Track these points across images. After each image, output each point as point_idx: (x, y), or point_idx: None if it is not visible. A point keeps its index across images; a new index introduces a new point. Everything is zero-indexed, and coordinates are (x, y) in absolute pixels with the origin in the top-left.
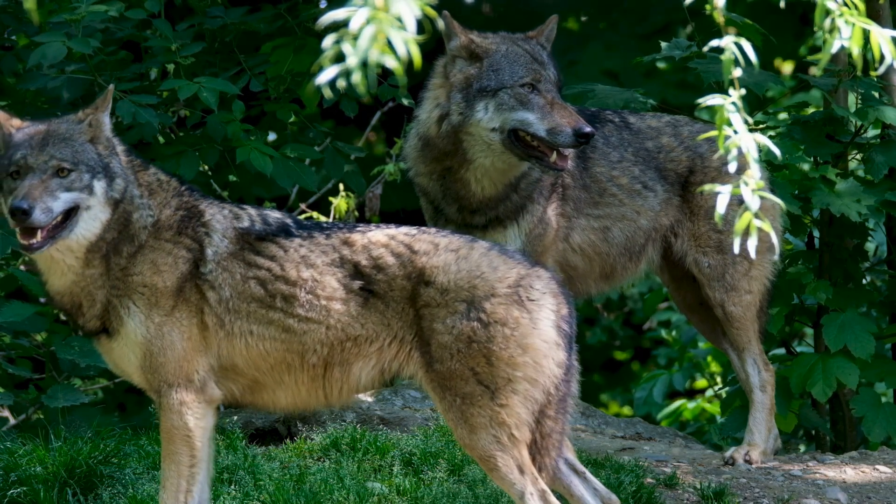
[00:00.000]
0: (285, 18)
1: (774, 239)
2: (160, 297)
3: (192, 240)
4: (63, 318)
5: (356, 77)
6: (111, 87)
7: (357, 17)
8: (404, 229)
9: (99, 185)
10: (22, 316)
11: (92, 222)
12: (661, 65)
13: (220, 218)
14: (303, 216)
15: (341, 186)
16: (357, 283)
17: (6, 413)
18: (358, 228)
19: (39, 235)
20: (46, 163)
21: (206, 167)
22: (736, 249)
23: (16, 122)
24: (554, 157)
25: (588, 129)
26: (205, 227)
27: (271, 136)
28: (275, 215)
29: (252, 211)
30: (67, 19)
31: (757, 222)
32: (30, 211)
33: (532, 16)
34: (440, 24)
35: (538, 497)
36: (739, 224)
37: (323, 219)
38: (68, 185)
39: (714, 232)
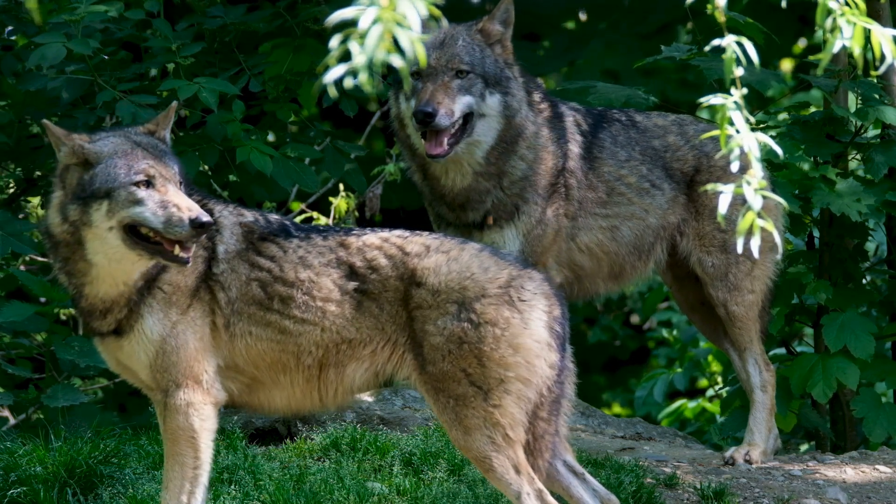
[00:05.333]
0: (284, 17)
1: (777, 238)
2: (179, 296)
3: (205, 237)
4: (63, 318)
5: (363, 77)
6: (174, 104)
7: (366, 15)
8: (398, 232)
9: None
10: (22, 316)
11: None
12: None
13: (227, 214)
14: (303, 216)
15: (341, 186)
16: (352, 285)
17: (6, 413)
18: (354, 231)
19: None
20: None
21: (206, 167)
22: (739, 249)
23: (84, 135)
24: None
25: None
26: (214, 224)
27: (271, 137)
28: (273, 216)
29: (253, 210)
30: (67, 20)
31: (760, 222)
32: None
33: (531, 15)
34: (444, 24)
35: (535, 497)
36: (742, 224)
37: (323, 219)
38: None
39: (718, 231)
